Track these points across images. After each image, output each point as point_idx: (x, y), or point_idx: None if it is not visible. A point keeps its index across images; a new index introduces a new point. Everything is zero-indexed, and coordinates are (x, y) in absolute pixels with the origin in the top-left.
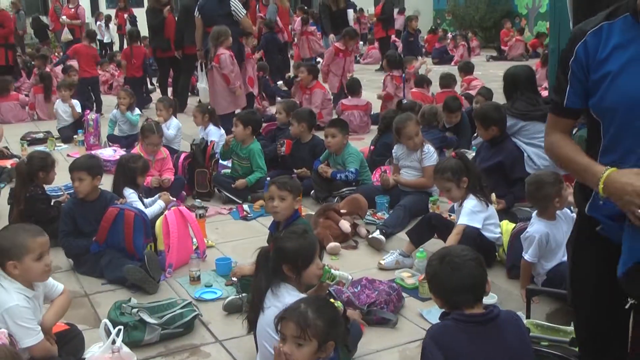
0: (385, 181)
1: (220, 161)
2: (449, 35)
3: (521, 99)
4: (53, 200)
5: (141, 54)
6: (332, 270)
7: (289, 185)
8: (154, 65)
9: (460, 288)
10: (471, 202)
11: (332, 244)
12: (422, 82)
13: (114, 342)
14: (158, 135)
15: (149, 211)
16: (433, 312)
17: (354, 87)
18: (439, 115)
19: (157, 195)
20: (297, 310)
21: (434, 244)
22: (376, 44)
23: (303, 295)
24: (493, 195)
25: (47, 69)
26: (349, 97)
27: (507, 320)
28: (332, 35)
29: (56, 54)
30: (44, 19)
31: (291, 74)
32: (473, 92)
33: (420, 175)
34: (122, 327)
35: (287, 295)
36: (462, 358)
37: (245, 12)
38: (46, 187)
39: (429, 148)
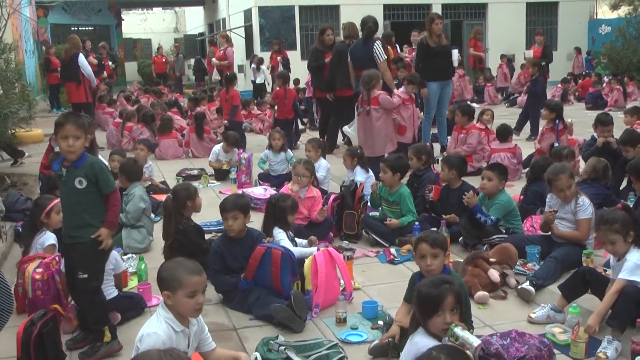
0: (549, 221)
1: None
2: (605, 79)
3: None
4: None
5: (292, 96)
6: (457, 330)
7: (439, 242)
8: (302, 106)
9: None
10: (636, 255)
11: (480, 293)
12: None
13: None
14: (304, 166)
15: (299, 251)
16: None
17: (504, 134)
18: (609, 171)
19: (308, 240)
20: (429, 356)
21: (588, 300)
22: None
23: (436, 342)
24: None
25: (200, 109)
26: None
27: None
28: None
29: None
30: (204, 61)
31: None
32: None
33: (574, 227)
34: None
35: (420, 340)
36: None
37: (385, 57)
38: (200, 222)
39: (583, 200)
